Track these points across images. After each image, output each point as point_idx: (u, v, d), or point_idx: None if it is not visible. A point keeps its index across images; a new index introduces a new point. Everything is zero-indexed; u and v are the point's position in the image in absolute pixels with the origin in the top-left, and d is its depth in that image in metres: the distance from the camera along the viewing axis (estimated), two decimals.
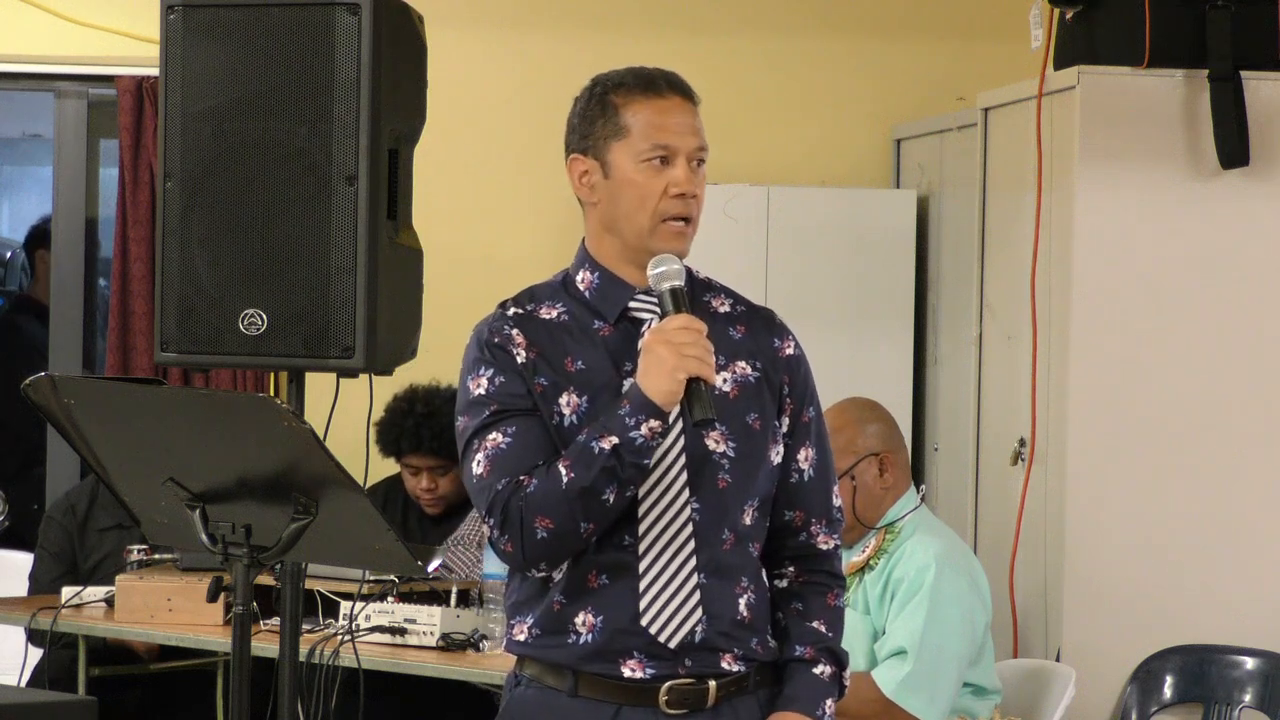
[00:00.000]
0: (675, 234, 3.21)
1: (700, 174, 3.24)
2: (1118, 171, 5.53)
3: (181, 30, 3.93)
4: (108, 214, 7.06)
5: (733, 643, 3.20)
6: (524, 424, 3.17)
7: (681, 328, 3.10)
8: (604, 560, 3.17)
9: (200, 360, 3.98)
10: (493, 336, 3.24)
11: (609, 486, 3.08)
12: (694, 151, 3.22)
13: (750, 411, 3.22)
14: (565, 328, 3.24)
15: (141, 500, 3.42)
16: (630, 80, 3.27)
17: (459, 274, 6.70)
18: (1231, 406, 5.57)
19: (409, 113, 4.02)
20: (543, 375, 3.20)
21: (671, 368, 3.08)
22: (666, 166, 3.21)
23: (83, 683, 5.50)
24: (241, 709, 3.36)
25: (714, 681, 3.19)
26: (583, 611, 3.17)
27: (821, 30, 7.03)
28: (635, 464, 3.08)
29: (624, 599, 3.16)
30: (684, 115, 3.24)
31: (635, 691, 3.17)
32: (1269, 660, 5.43)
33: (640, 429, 3.07)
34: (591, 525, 3.12)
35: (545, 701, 3.21)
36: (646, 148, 3.22)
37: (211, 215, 3.91)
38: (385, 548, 3.30)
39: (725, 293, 3.33)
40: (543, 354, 3.21)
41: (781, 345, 3.30)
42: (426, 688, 5.34)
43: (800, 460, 3.29)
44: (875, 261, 6.69)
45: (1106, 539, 5.51)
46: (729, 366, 3.23)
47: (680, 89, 3.27)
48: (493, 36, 6.90)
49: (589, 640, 3.17)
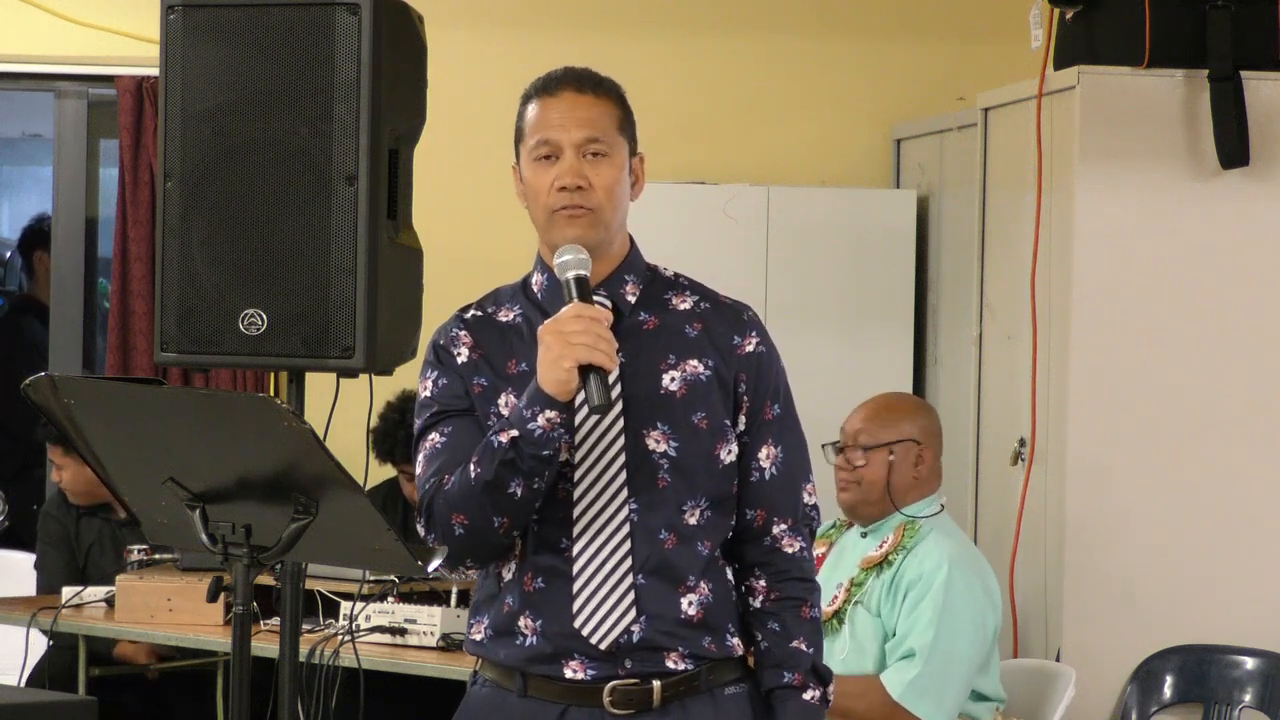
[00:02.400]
0: (567, 220, 3.21)
1: (598, 164, 3.20)
2: (1118, 171, 5.53)
3: (181, 30, 3.93)
4: (108, 214, 7.06)
5: (677, 641, 3.18)
6: (459, 424, 3.21)
7: (573, 316, 3.09)
8: (540, 563, 3.18)
9: (200, 360, 3.98)
10: (440, 339, 3.29)
11: (513, 480, 3.09)
12: (581, 143, 3.20)
13: (696, 410, 3.19)
14: (517, 330, 3.26)
15: (141, 500, 3.42)
16: (534, 84, 3.31)
17: (459, 274, 6.70)
18: (1232, 406, 5.57)
19: (409, 113, 4.02)
20: (483, 376, 3.22)
21: (556, 356, 3.07)
22: (553, 162, 3.23)
23: (83, 683, 5.50)
24: (241, 709, 3.36)
25: (658, 681, 3.18)
26: (523, 615, 3.19)
27: (821, 30, 7.03)
28: (535, 455, 3.08)
29: (560, 602, 3.17)
30: (570, 109, 3.23)
31: (579, 692, 3.18)
32: (1269, 660, 5.43)
33: (537, 420, 3.08)
34: (505, 520, 3.13)
35: (497, 701, 3.24)
36: (533, 145, 3.25)
37: (211, 215, 3.91)
38: (385, 548, 3.30)
39: (693, 289, 3.30)
40: (486, 356, 3.24)
41: (741, 342, 3.25)
42: (426, 688, 5.34)
43: (761, 458, 3.25)
44: (875, 261, 6.69)
45: (1106, 539, 5.51)
46: (679, 365, 3.21)
47: (574, 82, 3.25)
48: (493, 36, 6.90)
49: (532, 643, 3.19)
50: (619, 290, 3.25)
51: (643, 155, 3.31)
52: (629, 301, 3.24)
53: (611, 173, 3.22)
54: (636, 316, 3.24)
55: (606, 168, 3.21)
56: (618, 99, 3.28)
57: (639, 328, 3.23)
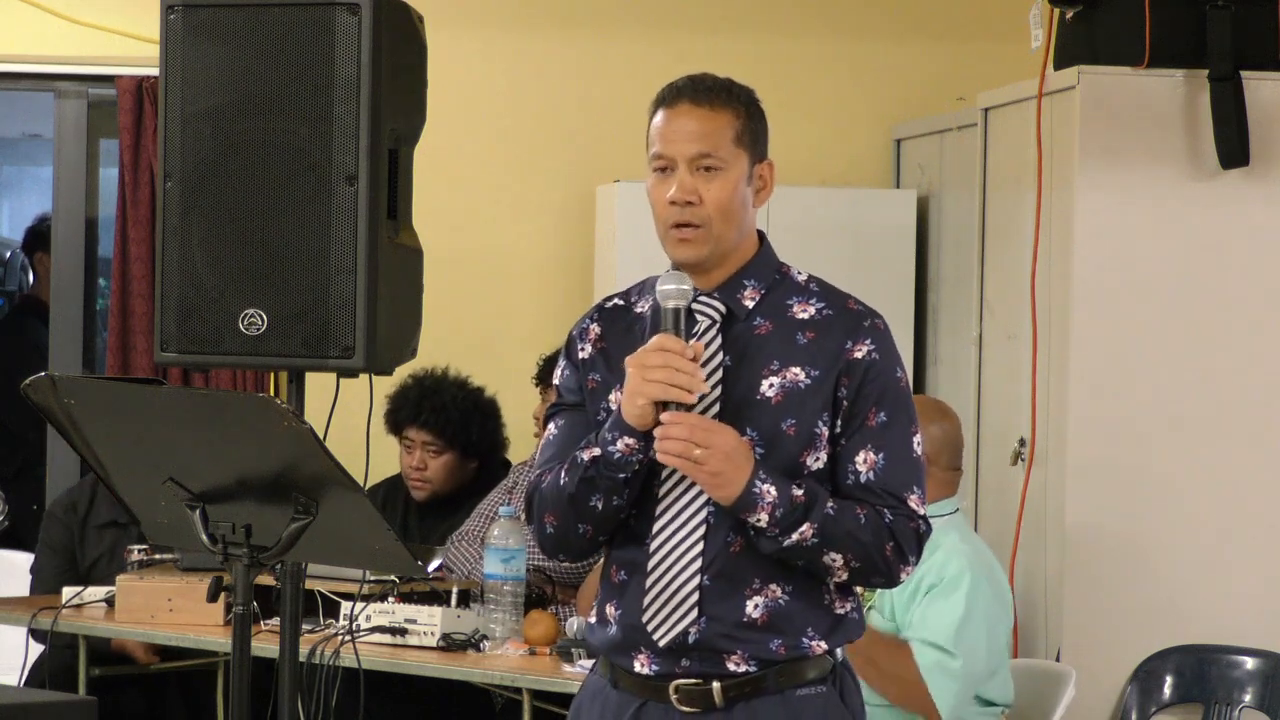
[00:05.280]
0: (677, 241, 3.24)
1: (711, 179, 3.23)
2: (1118, 171, 5.53)
3: (181, 30, 3.93)
4: (108, 214, 7.06)
5: (737, 644, 3.20)
6: (570, 419, 3.29)
7: (655, 349, 3.13)
8: (624, 556, 3.26)
9: (200, 360, 3.98)
10: (574, 329, 3.35)
11: (593, 495, 3.18)
12: (693, 158, 3.22)
13: (788, 418, 3.20)
14: (644, 323, 3.29)
15: (141, 500, 3.42)
16: (660, 93, 3.31)
17: (459, 274, 6.71)
18: (1231, 406, 5.57)
19: (409, 113, 4.02)
20: (598, 371, 3.28)
21: (631, 391, 3.14)
22: (668, 175, 3.24)
23: (83, 683, 5.50)
24: (241, 709, 3.36)
25: (718, 683, 3.21)
26: (609, 604, 3.28)
27: (821, 30, 7.03)
28: (612, 477, 3.16)
29: (635, 595, 3.23)
30: (685, 121, 3.24)
31: (651, 687, 3.24)
32: (1269, 660, 5.44)
33: (617, 444, 3.15)
34: (589, 528, 3.22)
35: (599, 689, 3.33)
36: (651, 157, 3.27)
37: (211, 215, 3.91)
38: (385, 548, 3.31)
39: (820, 296, 3.30)
40: (608, 350, 3.29)
41: (853, 347, 3.23)
42: (427, 688, 5.34)
43: (858, 462, 3.22)
44: (875, 261, 6.68)
45: (1106, 539, 5.51)
46: (780, 372, 3.21)
47: (691, 94, 3.26)
48: (492, 36, 6.90)
49: (613, 632, 3.26)
50: (736, 295, 3.26)
51: (771, 162, 3.33)
52: (745, 306, 3.26)
53: (725, 187, 3.24)
54: (751, 321, 3.26)
55: (720, 182, 3.24)
56: (739, 107, 3.30)
57: (750, 332, 3.25)
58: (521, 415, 6.08)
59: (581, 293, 6.73)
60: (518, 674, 4.81)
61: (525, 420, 6.02)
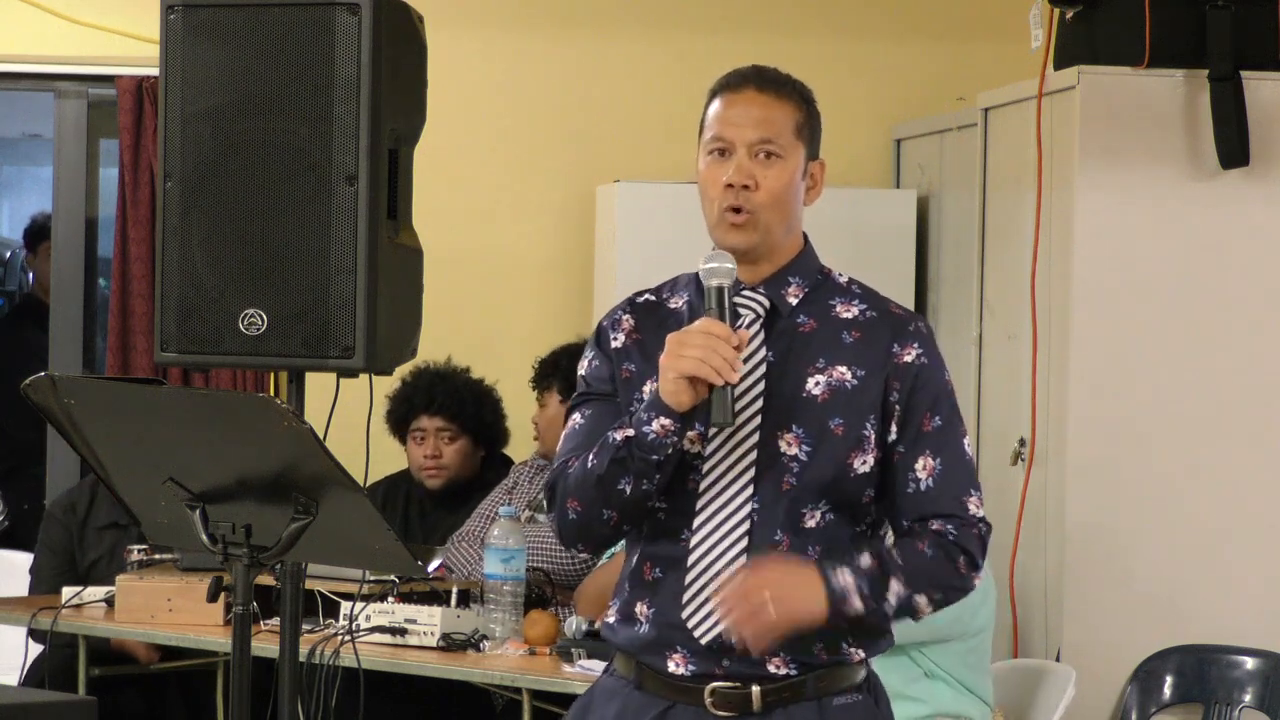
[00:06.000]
0: (729, 227, 3.22)
1: (769, 165, 3.22)
2: (1118, 171, 5.53)
3: (181, 30, 3.93)
4: (108, 214, 7.06)
5: (780, 645, 3.14)
6: (599, 408, 3.24)
7: (699, 330, 3.09)
8: (659, 551, 3.20)
9: (200, 360, 3.98)
10: (606, 320, 3.32)
11: (623, 477, 3.11)
12: (754, 143, 3.22)
13: (835, 417, 3.17)
14: (679, 318, 3.26)
15: (141, 500, 3.42)
16: (721, 80, 3.30)
17: (459, 274, 6.71)
18: (1231, 406, 5.57)
19: (409, 113, 4.03)
20: (632, 362, 3.24)
21: (666, 366, 3.09)
22: (725, 158, 3.23)
23: (83, 683, 5.50)
24: (241, 709, 3.36)
25: (757, 687, 3.16)
26: (640, 601, 3.21)
27: (821, 30, 7.03)
28: (644, 459, 3.09)
29: (673, 592, 3.18)
30: (748, 107, 3.24)
31: (683, 690, 3.18)
32: (1269, 660, 5.44)
33: (652, 425, 3.09)
34: (614, 514, 3.15)
35: (616, 689, 3.26)
36: (708, 139, 3.26)
37: (211, 215, 3.91)
38: (385, 548, 3.31)
39: (864, 298, 3.28)
40: (642, 341, 3.25)
41: (901, 351, 3.21)
42: (427, 688, 5.34)
43: (918, 469, 3.19)
44: (875, 261, 6.67)
45: (1106, 539, 5.51)
46: (826, 370, 3.18)
47: (757, 81, 3.27)
48: (492, 36, 6.90)
49: (645, 630, 3.20)
50: (780, 291, 3.24)
51: (823, 161, 3.33)
52: (790, 303, 3.24)
53: (782, 175, 3.25)
54: (795, 318, 3.23)
55: (778, 170, 3.24)
56: (800, 102, 3.32)
57: (795, 329, 3.22)
58: (521, 415, 6.08)
59: (581, 293, 6.73)
60: (518, 674, 4.81)
61: (525, 419, 6.02)
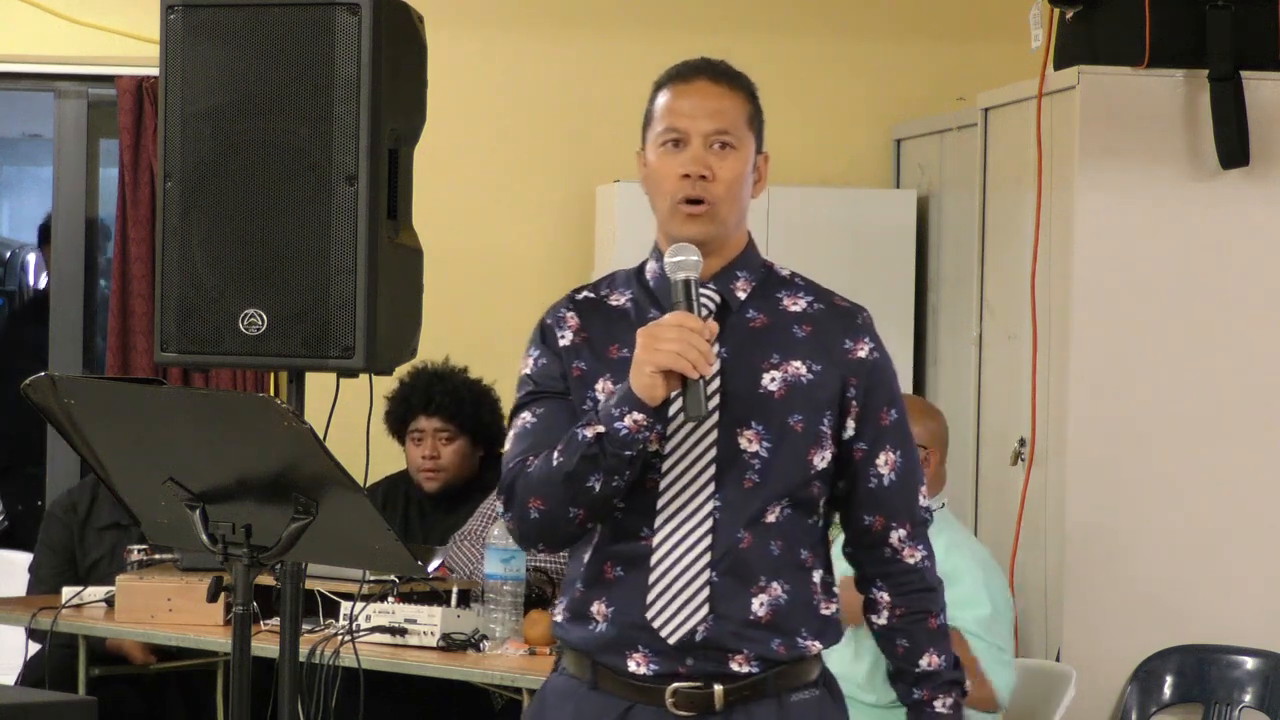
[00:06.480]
0: (686, 218, 3.19)
1: (724, 156, 3.20)
2: (1118, 171, 5.53)
3: (181, 30, 3.93)
4: (108, 214, 7.06)
5: (743, 643, 3.16)
6: (551, 406, 3.21)
7: (672, 324, 3.08)
8: (619, 551, 3.18)
9: (200, 360, 3.98)
10: (548, 318, 3.29)
11: (593, 474, 3.09)
12: (710, 134, 3.20)
13: (794, 413, 3.17)
14: (624, 315, 3.25)
15: (141, 500, 3.42)
16: (668, 72, 3.29)
17: (459, 274, 6.71)
18: (1231, 406, 5.57)
19: (409, 113, 4.02)
20: (583, 360, 3.22)
21: (640, 360, 3.08)
22: (679, 149, 3.21)
23: (83, 683, 5.50)
24: (241, 709, 3.36)
25: (719, 686, 3.17)
26: (598, 601, 3.19)
27: (821, 30, 7.03)
28: (617, 454, 3.08)
29: (634, 592, 3.16)
30: (702, 98, 3.23)
31: (643, 690, 3.17)
32: (1269, 660, 5.44)
33: (624, 420, 3.07)
34: (581, 511, 3.13)
35: (570, 691, 3.23)
36: (660, 131, 3.23)
37: (211, 215, 3.91)
38: (385, 548, 3.31)
39: (808, 290, 3.30)
40: (590, 339, 3.23)
41: (854, 346, 3.24)
42: (427, 688, 5.34)
43: (880, 464, 3.23)
44: (875, 261, 6.69)
45: (1106, 539, 5.51)
46: (781, 365, 3.19)
47: (709, 72, 3.25)
48: (492, 36, 6.90)
49: (602, 629, 3.18)
50: (729, 285, 3.23)
51: (767, 155, 3.31)
52: (739, 298, 3.23)
53: (737, 166, 3.23)
54: (744, 313, 3.23)
55: (732, 161, 3.22)
56: (750, 94, 3.30)
57: (745, 324, 3.22)
58: None
59: None
60: (517, 674, 4.81)
61: None
